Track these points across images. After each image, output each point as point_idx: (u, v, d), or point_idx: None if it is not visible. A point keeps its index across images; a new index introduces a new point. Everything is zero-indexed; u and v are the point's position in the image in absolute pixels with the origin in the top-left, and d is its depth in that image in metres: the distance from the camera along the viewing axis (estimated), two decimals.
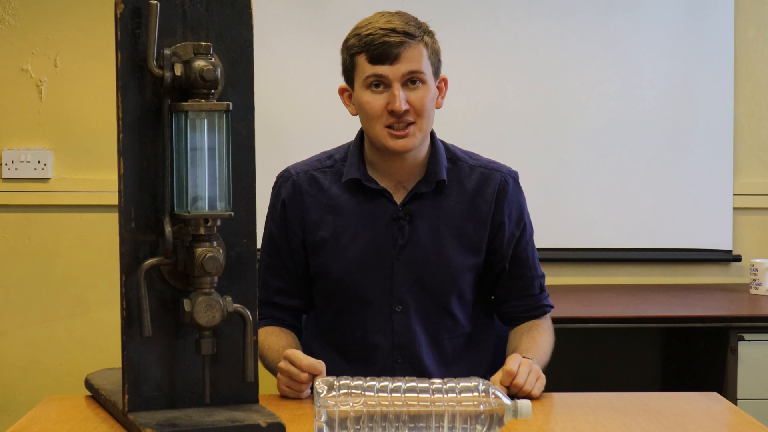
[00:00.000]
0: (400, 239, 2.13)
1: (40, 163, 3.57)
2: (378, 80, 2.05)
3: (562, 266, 3.63)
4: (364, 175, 2.13)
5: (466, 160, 2.19)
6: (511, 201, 2.18)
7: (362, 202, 2.15)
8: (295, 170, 2.20)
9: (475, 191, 2.16)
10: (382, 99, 2.05)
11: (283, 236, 2.18)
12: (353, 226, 2.14)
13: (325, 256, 2.16)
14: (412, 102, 2.05)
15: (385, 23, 2.05)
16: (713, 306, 3.20)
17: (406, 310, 2.14)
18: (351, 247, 2.14)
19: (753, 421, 1.81)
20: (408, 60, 2.03)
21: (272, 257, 2.19)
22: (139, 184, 1.66)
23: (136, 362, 1.68)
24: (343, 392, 1.58)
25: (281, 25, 3.53)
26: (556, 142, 3.61)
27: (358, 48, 2.05)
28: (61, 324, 3.62)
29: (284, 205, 2.17)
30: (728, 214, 3.64)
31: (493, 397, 1.60)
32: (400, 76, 2.03)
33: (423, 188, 2.13)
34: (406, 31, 2.04)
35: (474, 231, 2.15)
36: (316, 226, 2.16)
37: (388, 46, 2.02)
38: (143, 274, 1.64)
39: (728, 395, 2.96)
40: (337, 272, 2.15)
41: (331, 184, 2.16)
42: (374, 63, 2.04)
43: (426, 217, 2.14)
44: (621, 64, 3.61)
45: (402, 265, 2.14)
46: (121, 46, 1.64)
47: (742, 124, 3.67)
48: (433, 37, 2.10)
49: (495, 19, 3.58)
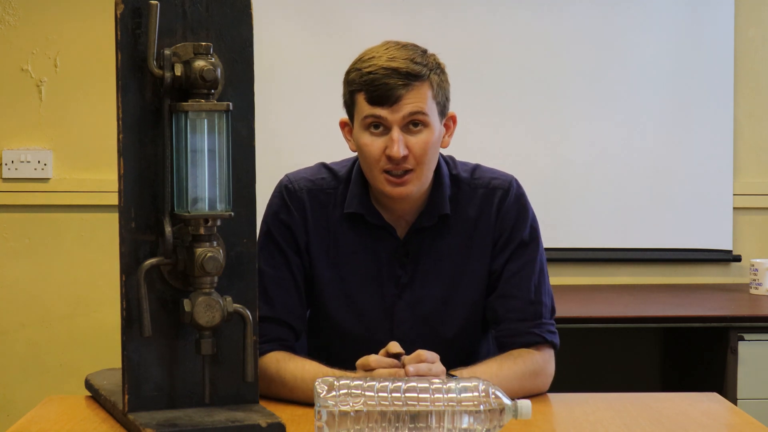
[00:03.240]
0: (403, 278, 2.03)
1: (40, 163, 3.57)
2: (377, 121, 1.92)
3: (562, 266, 3.63)
4: (367, 210, 2.01)
5: (467, 182, 2.05)
6: (508, 214, 2.04)
7: (364, 235, 2.03)
8: (299, 186, 2.05)
9: (478, 217, 2.03)
10: (381, 143, 1.92)
11: (290, 248, 2.02)
12: (354, 259, 2.03)
13: (323, 287, 2.04)
14: (412, 147, 1.91)
15: (388, 60, 1.90)
16: (713, 306, 3.20)
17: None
18: (351, 282, 2.03)
19: (753, 421, 1.81)
20: (410, 102, 1.90)
21: (277, 269, 2.01)
22: (139, 184, 1.66)
23: (136, 362, 1.68)
24: (343, 392, 1.58)
25: (282, 24, 3.53)
26: (556, 142, 3.62)
27: (358, 86, 1.92)
28: (61, 324, 3.62)
29: (290, 216, 2.03)
30: (728, 214, 3.64)
31: (493, 397, 1.60)
32: (400, 119, 1.90)
33: (425, 222, 2.02)
34: (410, 71, 1.89)
35: (478, 264, 2.03)
36: (317, 252, 2.03)
37: (388, 89, 1.89)
38: (143, 274, 1.64)
39: (728, 395, 2.96)
40: (335, 306, 2.04)
41: (333, 210, 2.04)
42: (373, 104, 1.91)
43: (428, 253, 2.03)
44: (621, 64, 3.61)
45: (404, 304, 2.03)
46: (121, 46, 1.64)
47: (742, 124, 3.67)
48: (440, 73, 1.96)
49: (494, 15, 3.58)
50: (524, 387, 1.94)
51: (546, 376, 2.00)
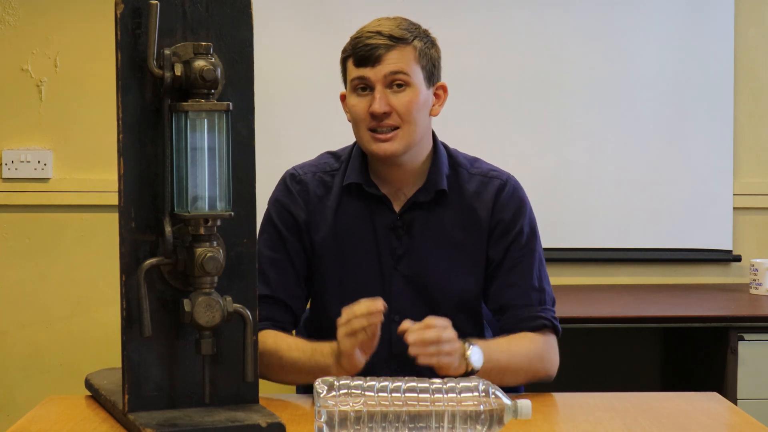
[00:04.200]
0: (399, 249, 2.10)
1: (40, 163, 3.57)
2: (362, 83, 2.02)
3: (562, 266, 3.63)
4: (365, 180, 2.10)
5: (466, 167, 2.14)
6: (506, 205, 2.11)
7: (362, 207, 2.11)
8: (303, 171, 2.15)
9: (474, 200, 2.11)
10: (366, 102, 2.02)
11: (289, 230, 2.10)
12: (353, 232, 2.10)
13: (323, 260, 2.11)
14: (395, 105, 2.00)
15: (375, 26, 2.03)
16: (713, 306, 3.20)
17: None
18: (350, 254, 2.10)
19: (753, 421, 1.81)
20: (391, 62, 2.00)
21: (276, 251, 2.10)
22: (139, 184, 1.66)
23: (136, 362, 1.68)
24: (343, 392, 1.58)
25: (282, 24, 3.53)
26: (556, 142, 3.62)
27: (348, 52, 2.04)
28: (61, 324, 3.62)
29: (291, 199, 2.12)
30: (728, 214, 3.64)
31: (493, 397, 1.60)
32: (382, 77, 2.00)
33: (422, 197, 2.09)
34: (392, 34, 2.00)
35: (472, 241, 2.10)
36: (318, 229, 2.11)
37: (370, 48, 2.00)
38: (143, 274, 1.64)
39: (728, 395, 2.96)
40: (335, 279, 2.10)
41: (336, 187, 2.12)
42: (358, 66, 2.01)
43: (424, 227, 2.10)
44: (621, 64, 3.61)
45: (400, 276, 2.10)
46: (121, 46, 1.64)
47: (742, 124, 3.67)
48: (427, 43, 2.05)
49: (494, 14, 3.58)
50: (532, 367, 2.01)
51: (552, 362, 2.06)
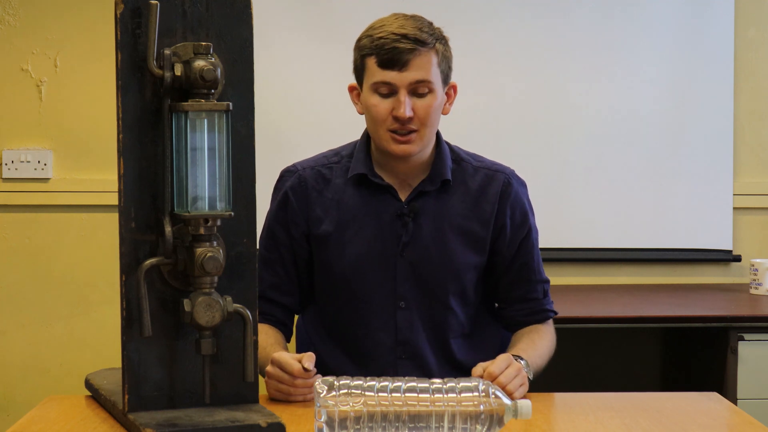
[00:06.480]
0: (404, 236, 2.14)
1: (40, 163, 3.57)
2: (385, 85, 2.05)
3: (562, 266, 3.63)
4: (370, 171, 2.15)
5: (470, 161, 2.20)
6: (514, 202, 2.19)
7: (367, 197, 2.15)
8: (301, 166, 2.21)
9: (479, 191, 2.17)
10: (388, 104, 2.06)
11: (284, 229, 2.18)
12: (357, 221, 2.15)
13: (328, 250, 2.16)
14: (417, 110, 2.06)
15: (398, 28, 2.04)
16: (713, 306, 3.20)
17: (409, 306, 2.15)
18: (354, 242, 2.15)
19: (753, 421, 1.81)
20: (417, 68, 2.04)
21: (270, 251, 2.18)
22: (139, 184, 1.66)
23: (136, 362, 1.68)
24: (343, 392, 1.58)
25: (281, 24, 3.53)
26: (557, 142, 3.62)
27: (369, 50, 2.06)
28: (61, 324, 3.62)
29: (287, 197, 2.17)
30: (728, 214, 3.64)
31: (493, 397, 1.60)
32: (408, 84, 2.04)
33: (428, 187, 2.15)
34: (417, 38, 2.03)
35: (477, 230, 2.16)
36: (320, 220, 2.16)
37: (397, 52, 2.02)
38: (143, 274, 1.64)
39: (728, 395, 2.96)
40: (340, 267, 2.15)
41: (336, 179, 2.17)
42: (383, 68, 2.04)
43: (430, 215, 2.15)
44: (621, 65, 3.61)
45: (405, 262, 2.14)
46: (121, 46, 1.64)
47: (742, 124, 3.67)
48: (445, 44, 2.10)
49: (496, 20, 3.58)
50: (549, 357, 2.17)
51: (555, 344, 2.23)
